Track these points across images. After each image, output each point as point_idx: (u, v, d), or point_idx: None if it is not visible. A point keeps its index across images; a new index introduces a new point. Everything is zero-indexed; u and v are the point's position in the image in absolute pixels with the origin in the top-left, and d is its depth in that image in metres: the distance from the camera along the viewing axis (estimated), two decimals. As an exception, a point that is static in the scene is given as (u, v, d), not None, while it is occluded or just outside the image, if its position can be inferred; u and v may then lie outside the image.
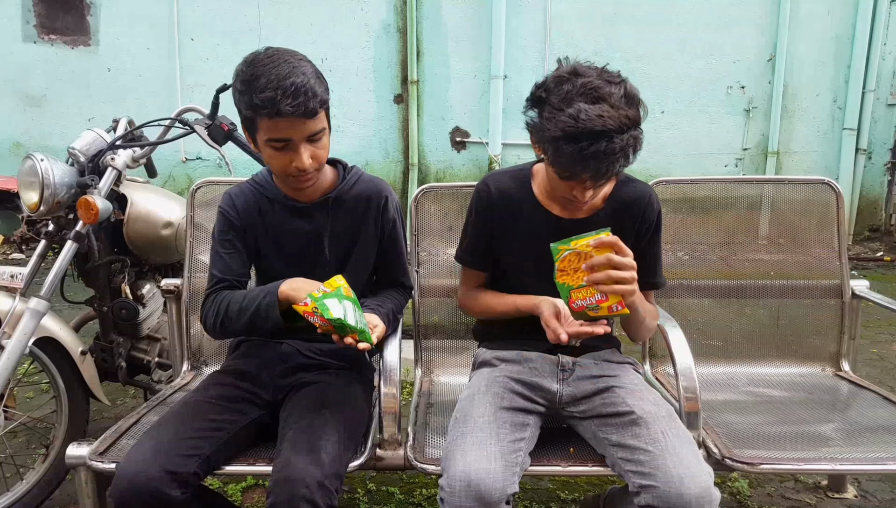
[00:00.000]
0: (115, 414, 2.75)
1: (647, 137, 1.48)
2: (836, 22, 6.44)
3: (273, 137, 1.44)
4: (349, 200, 1.66)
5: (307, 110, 1.40)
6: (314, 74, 1.45)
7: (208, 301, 1.60)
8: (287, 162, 1.48)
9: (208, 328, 1.60)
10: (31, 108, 6.62)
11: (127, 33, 6.47)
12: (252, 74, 1.41)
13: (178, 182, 6.58)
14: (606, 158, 1.31)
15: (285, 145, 1.46)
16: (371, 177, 1.73)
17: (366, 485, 2.31)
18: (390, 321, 1.65)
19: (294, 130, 1.43)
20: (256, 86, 1.39)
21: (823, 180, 2.18)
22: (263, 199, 1.65)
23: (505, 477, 1.32)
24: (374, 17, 6.48)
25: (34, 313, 1.93)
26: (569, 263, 1.35)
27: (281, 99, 1.37)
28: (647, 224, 1.61)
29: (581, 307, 1.38)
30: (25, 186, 2.04)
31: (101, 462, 1.50)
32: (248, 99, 1.41)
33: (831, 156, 6.68)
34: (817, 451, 1.61)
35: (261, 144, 1.48)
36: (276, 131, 1.43)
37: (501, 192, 1.62)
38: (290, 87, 1.37)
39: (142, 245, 2.31)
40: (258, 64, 1.41)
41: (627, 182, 1.62)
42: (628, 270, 1.32)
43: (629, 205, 1.60)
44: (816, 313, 2.16)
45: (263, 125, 1.43)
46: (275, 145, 1.46)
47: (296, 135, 1.44)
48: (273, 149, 1.47)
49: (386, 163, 6.70)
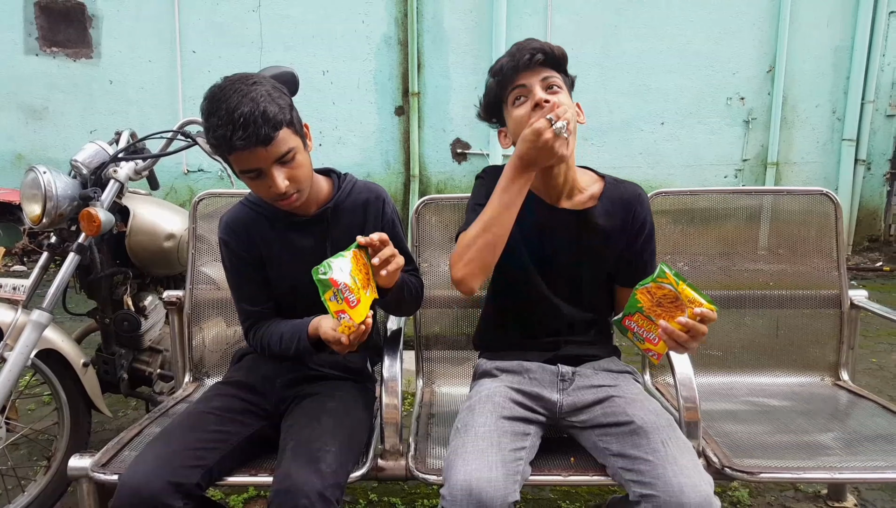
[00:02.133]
0: (116, 426, 2.75)
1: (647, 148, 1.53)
2: (836, 33, 6.46)
3: (242, 169, 1.46)
4: (347, 208, 1.67)
5: (259, 138, 1.38)
6: (267, 96, 1.41)
7: (249, 336, 1.70)
8: (266, 189, 1.48)
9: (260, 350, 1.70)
10: (33, 120, 6.64)
11: (129, 46, 6.51)
12: (208, 112, 1.42)
13: (180, 194, 6.60)
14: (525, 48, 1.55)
15: (257, 175, 1.45)
16: (365, 182, 1.74)
17: (367, 496, 2.30)
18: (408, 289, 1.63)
19: (257, 159, 1.42)
20: (211, 124, 1.40)
21: (822, 191, 2.19)
22: (261, 218, 1.65)
23: (506, 486, 1.33)
24: (376, 30, 6.52)
25: (36, 325, 1.94)
26: (659, 290, 1.35)
27: (231, 135, 1.36)
28: (639, 222, 1.65)
29: (631, 328, 1.40)
30: (28, 199, 2.06)
31: (104, 473, 1.50)
32: (209, 137, 1.43)
33: (831, 167, 6.69)
34: (817, 460, 1.61)
35: (238, 176, 1.51)
36: (242, 163, 1.44)
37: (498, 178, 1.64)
38: (238, 119, 1.36)
39: (144, 257, 2.32)
40: (213, 100, 1.41)
41: (617, 184, 1.68)
42: (697, 341, 1.36)
43: (621, 203, 1.65)
44: (815, 323, 2.17)
45: (231, 159, 1.45)
46: (248, 176, 1.47)
47: (262, 163, 1.43)
48: (249, 179, 1.48)
49: (387, 174, 6.72)
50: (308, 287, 1.63)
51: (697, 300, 1.31)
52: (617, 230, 1.64)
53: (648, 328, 1.38)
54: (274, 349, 1.62)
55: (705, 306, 1.31)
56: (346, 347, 1.41)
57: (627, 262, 1.66)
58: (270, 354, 1.64)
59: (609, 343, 1.76)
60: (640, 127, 6.56)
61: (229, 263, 1.67)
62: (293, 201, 1.51)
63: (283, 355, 1.61)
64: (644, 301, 1.37)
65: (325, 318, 1.50)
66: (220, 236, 1.67)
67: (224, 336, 2.18)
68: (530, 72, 1.55)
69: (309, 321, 1.55)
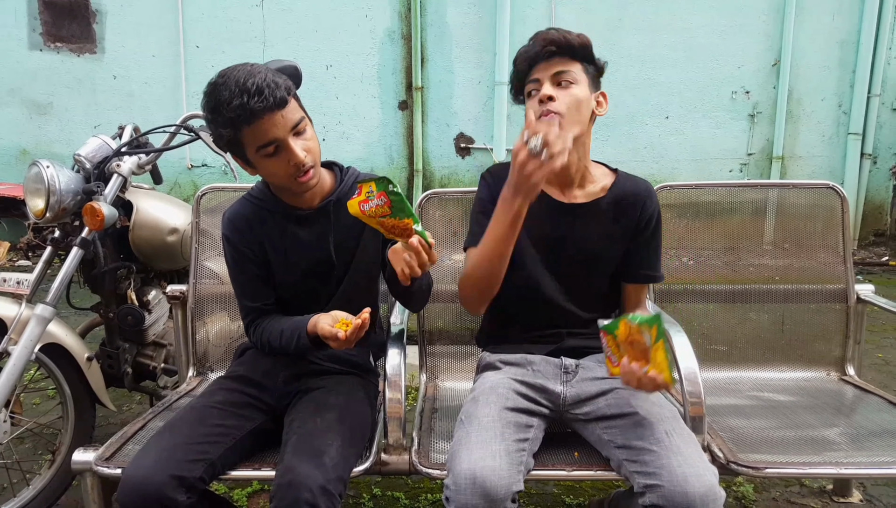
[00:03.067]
0: (121, 420, 2.76)
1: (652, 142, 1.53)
2: (841, 27, 6.43)
3: (260, 143, 1.45)
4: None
5: (276, 100, 1.41)
6: (271, 71, 1.46)
7: (250, 332, 1.70)
8: (285, 164, 1.47)
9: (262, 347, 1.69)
10: (37, 115, 6.66)
11: (133, 41, 6.51)
12: (216, 97, 1.42)
13: (184, 189, 6.60)
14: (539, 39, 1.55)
15: (276, 148, 1.45)
16: (367, 175, 1.73)
17: (371, 490, 2.31)
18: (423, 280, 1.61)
19: (275, 127, 1.43)
20: (222, 102, 1.40)
21: (828, 185, 2.18)
22: (264, 212, 1.64)
23: (510, 475, 1.33)
24: (379, 25, 6.51)
25: (40, 319, 1.94)
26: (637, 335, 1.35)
27: (248, 101, 1.38)
28: (647, 217, 1.65)
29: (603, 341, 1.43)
30: (31, 193, 2.06)
31: (107, 467, 1.50)
32: (222, 119, 1.42)
33: (836, 161, 6.67)
34: (822, 455, 1.60)
35: (253, 159, 1.49)
36: (261, 136, 1.44)
37: (502, 176, 1.63)
38: (251, 87, 1.38)
39: (147, 252, 2.32)
40: (217, 86, 1.42)
41: (628, 178, 1.68)
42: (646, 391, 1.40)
43: (629, 197, 1.64)
44: (821, 317, 2.16)
45: (247, 137, 1.44)
46: (266, 152, 1.46)
47: (280, 132, 1.44)
48: (266, 157, 1.47)
49: (391, 169, 6.71)
50: (311, 280, 1.64)
51: (662, 367, 1.32)
52: (623, 224, 1.65)
53: (615, 352, 1.41)
54: (274, 345, 1.62)
55: (663, 376, 1.32)
56: (343, 343, 1.42)
57: (631, 255, 1.67)
58: (271, 350, 1.64)
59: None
60: (644, 121, 6.54)
61: (231, 259, 1.67)
62: (310, 177, 1.51)
63: (284, 351, 1.61)
64: (622, 333, 1.38)
65: (325, 315, 1.51)
66: (223, 233, 1.67)
67: (228, 331, 2.18)
68: (544, 64, 1.55)
69: (309, 318, 1.55)
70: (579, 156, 1.59)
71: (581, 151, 1.58)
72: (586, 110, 1.56)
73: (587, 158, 1.63)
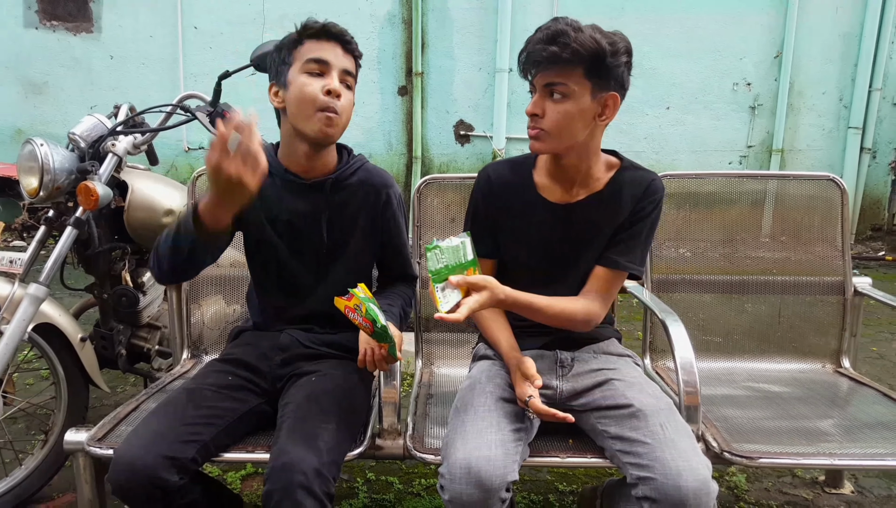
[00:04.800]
0: (114, 402, 2.76)
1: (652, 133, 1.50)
2: (844, 20, 6.40)
3: (313, 56, 1.50)
4: (350, 185, 1.65)
5: (349, 44, 1.54)
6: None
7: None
8: (319, 88, 1.49)
9: (153, 270, 1.52)
10: (32, 94, 6.61)
11: (130, 20, 6.46)
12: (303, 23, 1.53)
13: (181, 172, 6.57)
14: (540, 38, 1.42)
15: (321, 70, 1.50)
16: (375, 167, 1.72)
17: (365, 475, 2.31)
18: (403, 320, 1.66)
19: (334, 54, 1.51)
20: (307, 22, 1.52)
21: (828, 177, 2.17)
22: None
23: (505, 464, 1.33)
24: (380, 8, 6.46)
25: (33, 299, 1.93)
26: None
27: (331, 25, 1.51)
28: (645, 205, 1.56)
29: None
30: (25, 172, 2.04)
31: (100, 447, 1.50)
32: (296, 31, 1.52)
33: (836, 154, 6.66)
34: (815, 446, 1.60)
35: (294, 74, 1.51)
36: (317, 51, 1.50)
37: (501, 179, 1.62)
38: (338, 25, 1.53)
39: (142, 232, 2.30)
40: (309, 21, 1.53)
41: (632, 168, 1.60)
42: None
43: (629, 184, 1.57)
44: (818, 309, 2.16)
45: (303, 50, 1.50)
46: (311, 70, 1.50)
47: (334, 60, 1.51)
48: (308, 75, 1.50)
49: (389, 155, 6.68)
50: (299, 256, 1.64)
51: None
52: (616, 216, 1.58)
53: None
54: (164, 243, 1.43)
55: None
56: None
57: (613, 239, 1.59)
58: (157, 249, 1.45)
59: (609, 326, 1.75)
60: (644, 112, 6.51)
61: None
62: (333, 122, 1.52)
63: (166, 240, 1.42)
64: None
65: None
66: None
67: (223, 314, 2.17)
68: (543, 70, 1.44)
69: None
70: (580, 157, 1.54)
71: (583, 152, 1.53)
72: (579, 124, 1.46)
73: (591, 158, 1.56)
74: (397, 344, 1.43)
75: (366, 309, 1.34)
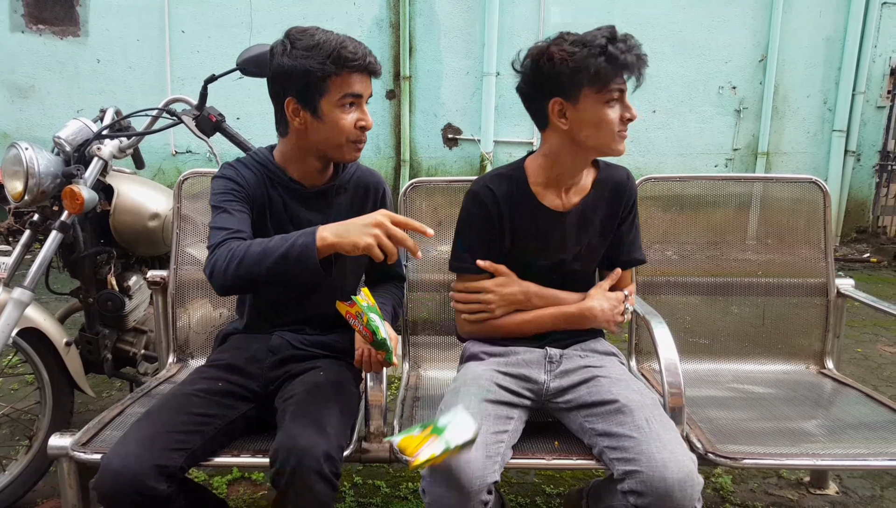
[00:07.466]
0: (100, 406, 2.73)
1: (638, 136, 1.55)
2: (828, 24, 6.47)
3: (350, 91, 1.48)
4: (349, 189, 1.68)
5: (379, 70, 1.52)
6: None
7: (218, 250, 1.40)
8: (354, 120, 1.51)
9: (217, 272, 1.38)
10: (18, 98, 6.55)
11: (117, 24, 6.42)
12: (314, 38, 1.46)
13: (168, 176, 6.53)
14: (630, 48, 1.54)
15: (356, 103, 1.51)
16: (367, 168, 1.76)
17: (352, 479, 2.30)
18: (394, 320, 1.69)
19: (364, 87, 1.51)
20: (334, 42, 1.45)
21: (811, 179, 2.19)
22: (267, 178, 1.62)
23: (485, 466, 1.33)
24: (367, 12, 6.46)
25: (17, 303, 1.92)
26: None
27: (367, 54, 1.48)
28: (629, 198, 1.68)
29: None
30: (9, 176, 2.03)
31: (84, 452, 1.49)
32: (325, 54, 1.44)
33: (820, 157, 6.72)
34: (800, 447, 1.62)
35: (327, 106, 1.48)
36: (353, 85, 1.48)
37: (503, 192, 1.62)
38: (363, 46, 1.49)
39: (128, 237, 2.30)
40: (318, 31, 1.48)
41: (607, 167, 1.69)
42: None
43: (615, 187, 1.67)
44: (802, 311, 2.18)
45: (340, 80, 1.47)
46: (346, 102, 1.49)
47: (365, 91, 1.52)
48: (341, 107, 1.49)
49: (378, 159, 6.68)
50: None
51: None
52: (608, 218, 1.67)
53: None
54: (254, 249, 1.36)
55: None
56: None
57: (620, 241, 1.70)
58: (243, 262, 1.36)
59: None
60: (631, 115, 6.53)
61: (223, 193, 1.53)
62: (361, 148, 1.56)
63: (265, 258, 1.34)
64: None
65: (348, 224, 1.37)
66: (224, 173, 1.57)
67: (209, 318, 2.16)
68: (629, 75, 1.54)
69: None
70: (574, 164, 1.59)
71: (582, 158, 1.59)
72: None
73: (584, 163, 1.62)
74: (393, 347, 1.43)
75: (367, 320, 1.35)
